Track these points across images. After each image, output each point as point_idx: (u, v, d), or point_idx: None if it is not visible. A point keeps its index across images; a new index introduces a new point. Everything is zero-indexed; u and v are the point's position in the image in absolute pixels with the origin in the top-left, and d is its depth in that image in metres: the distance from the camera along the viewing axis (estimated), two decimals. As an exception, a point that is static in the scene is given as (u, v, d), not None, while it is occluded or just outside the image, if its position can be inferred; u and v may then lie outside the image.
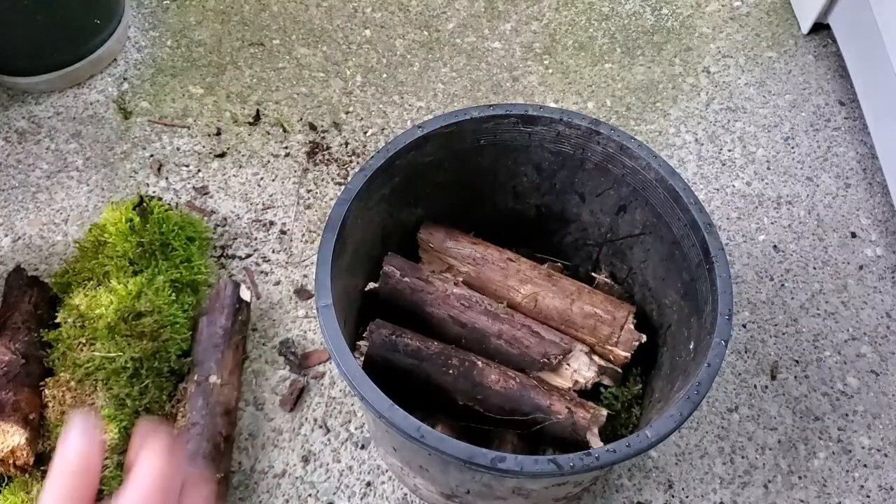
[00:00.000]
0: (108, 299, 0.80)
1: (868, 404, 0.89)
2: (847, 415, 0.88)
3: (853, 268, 0.99)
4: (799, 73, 1.18)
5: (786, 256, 1.00)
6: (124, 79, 1.14)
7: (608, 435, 0.73)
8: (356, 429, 0.85)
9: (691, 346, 0.66)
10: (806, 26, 1.22)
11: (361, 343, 0.71)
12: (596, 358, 0.73)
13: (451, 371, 0.68)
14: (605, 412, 0.69)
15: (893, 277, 0.98)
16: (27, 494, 0.72)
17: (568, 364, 0.72)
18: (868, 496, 0.83)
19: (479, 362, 0.69)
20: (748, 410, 0.88)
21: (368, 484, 0.82)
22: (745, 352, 0.92)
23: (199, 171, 1.05)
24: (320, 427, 0.85)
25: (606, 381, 0.73)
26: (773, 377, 0.90)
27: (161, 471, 0.34)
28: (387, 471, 0.83)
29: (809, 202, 1.05)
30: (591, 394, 0.74)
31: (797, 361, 0.92)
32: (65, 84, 1.12)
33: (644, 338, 0.74)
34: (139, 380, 0.78)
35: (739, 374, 0.90)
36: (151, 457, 0.34)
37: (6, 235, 0.98)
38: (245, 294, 0.89)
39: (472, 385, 0.68)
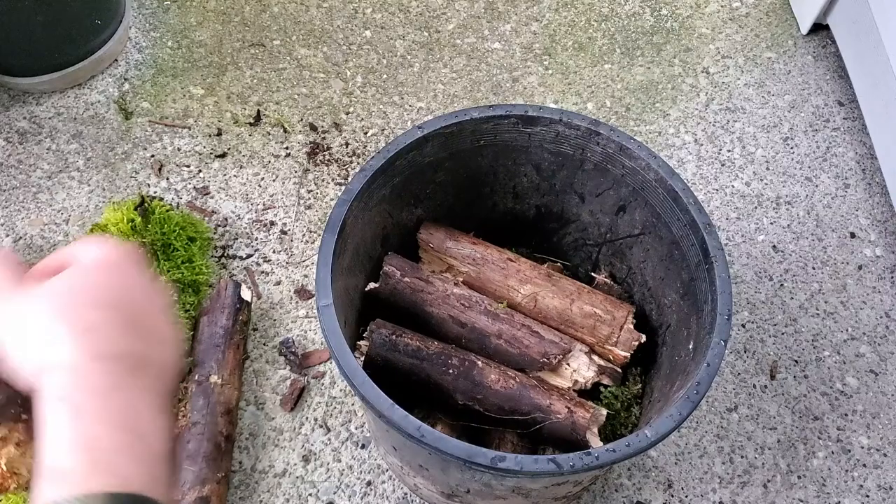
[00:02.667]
0: (109, 299, 0.81)
1: (867, 404, 0.89)
2: (846, 414, 0.88)
3: (852, 268, 0.99)
4: (798, 73, 1.19)
5: (785, 256, 1.00)
6: (125, 79, 1.14)
7: (608, 434, 0.73)
8: (356, 428, 0.86)
9: (691, 346, 0.66)
10: (805, 27, 1.22)
11: (362, 343, 0.71)
12: (595, 358, 0.74)
13: (451, 371, 0.68)
14: (604, 412, 0.69)
15: (892, 277, 0.99)
16: (28, 494, 0.72)
17: (568, 364, 0.73)
18: (867, 496, 0.83)
19: (479, 362, 0.69)
20: (747, 410, 0.88)
21: (369, 483, 0.82)
22: (745, 351, 0.92)
23: (199, 171, 1.05)
24: (321, 427, 0.86)
25: (606, 381, 0.73)
26: (773, 377, 0.90)
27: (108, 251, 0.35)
28: (387, 470, 0.83)
29: (808, 202, 1.05)
30: (590, 393, 0.74)
31: (796, 361, 0.92)
32: (66, 84, 1.12)
33: (643, 337, 0.74)
34: (140, 379, 0.78)
35: (739, 373, 0.91)
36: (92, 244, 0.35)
37: (7, 235, 0.98)
38: (246, 294, 0.89)
39: (472, 385, 0.68)
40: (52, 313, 0.32)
